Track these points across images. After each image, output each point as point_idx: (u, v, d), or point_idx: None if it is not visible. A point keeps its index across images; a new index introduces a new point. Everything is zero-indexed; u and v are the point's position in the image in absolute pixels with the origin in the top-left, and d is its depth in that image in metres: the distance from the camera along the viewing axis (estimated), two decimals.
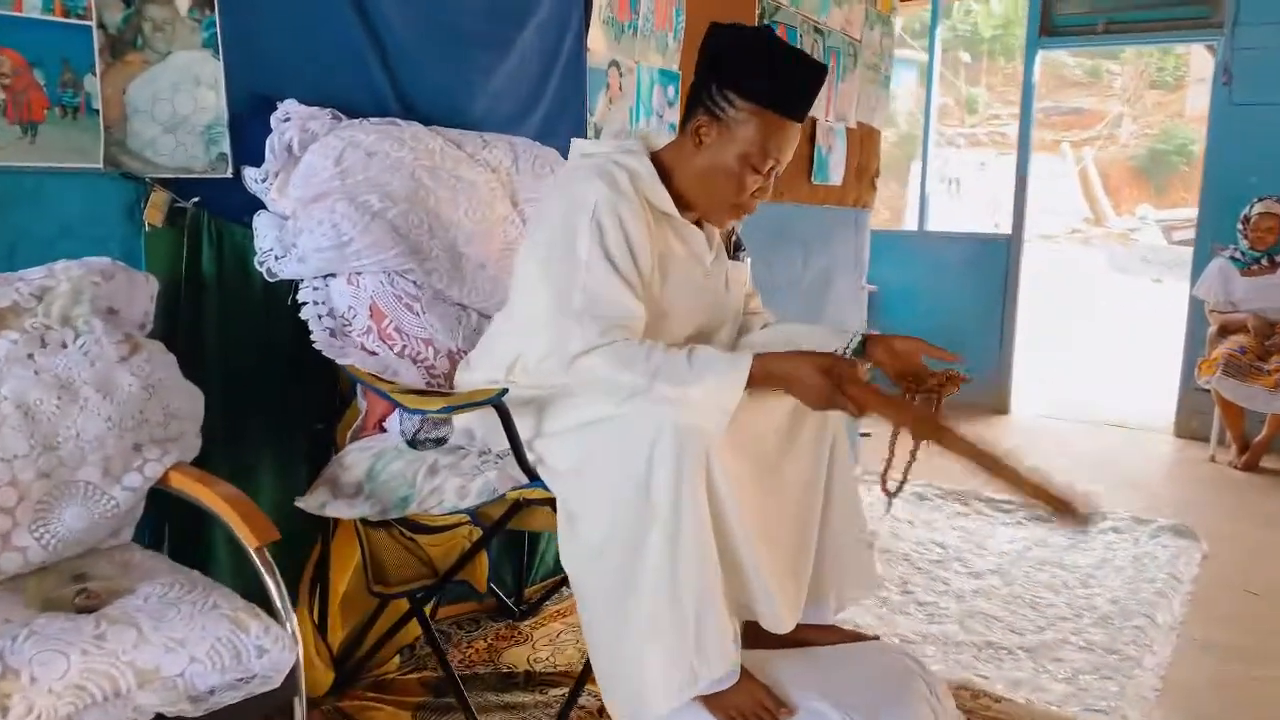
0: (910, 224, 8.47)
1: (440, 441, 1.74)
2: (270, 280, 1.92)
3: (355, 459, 1.83)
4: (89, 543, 1.47)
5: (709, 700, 1.62)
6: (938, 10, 6.87)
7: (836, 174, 4.16)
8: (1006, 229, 6.64)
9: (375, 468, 1.80)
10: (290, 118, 1.95)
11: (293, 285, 1.94)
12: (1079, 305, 11.69)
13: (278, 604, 1.43)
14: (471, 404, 1.60)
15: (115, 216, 1.78)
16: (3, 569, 1.36)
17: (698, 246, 1.82)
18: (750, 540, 1.62)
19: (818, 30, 3.80)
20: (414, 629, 2.19)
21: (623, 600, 1.58)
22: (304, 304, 1.91)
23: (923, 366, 1.84)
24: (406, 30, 2.23)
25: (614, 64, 2.87)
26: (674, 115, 3.13)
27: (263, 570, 1.44)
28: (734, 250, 1.93)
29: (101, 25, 1.70)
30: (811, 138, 3.93)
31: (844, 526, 1.93)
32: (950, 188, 15.50)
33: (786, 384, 1.57)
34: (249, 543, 1.44)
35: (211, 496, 1.48)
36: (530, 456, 1.69)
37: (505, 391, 1.61)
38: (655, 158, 1.79)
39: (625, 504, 1.56)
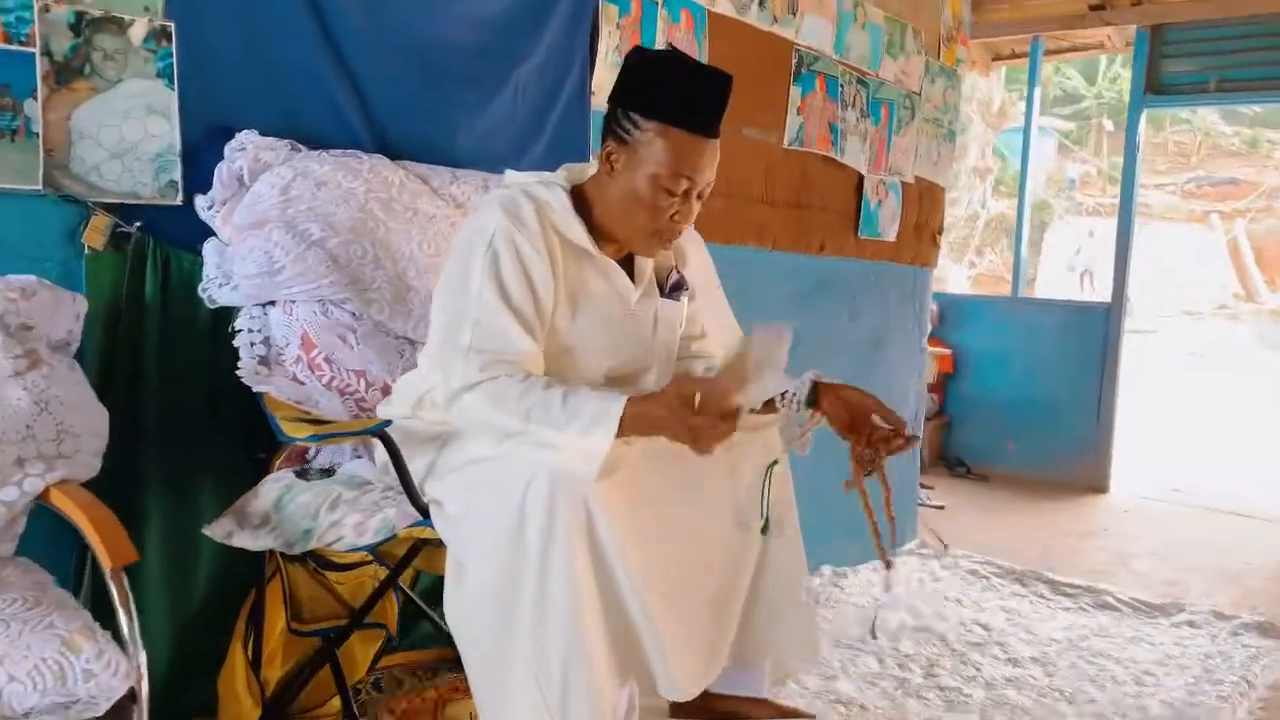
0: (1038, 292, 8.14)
1: (328, 472, 1.69)
2: (211, 307, 1.92)
3: (268, 489, 1.80)
4: None
5: None
6: (1036, 66, 6.63)
7: (889, 230, 4.00)
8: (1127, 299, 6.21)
9: (283, 499, 1.76)
10: (246, 147, 1.97)
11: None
12: (1219, 383, 10.95)
13: (124, 630, 1.39)
14: (345, 434, 1.54)
15: (55, 238, 1.82)
16: None
17: (620, 283, 1.73)
18: (642, 598, 1.50)
19: (861, 82, 3.68)
20: (354, 672, 2.13)
21: (499, 654, 1.48)
22: (239, 331, 1.90)
23: (871, 423, 1.70)
24: (383, 67, 2.24)
25: None
26: None
27: (115, 594, 1.40)
28: (670, 289, 1.83)
29: (47, 52, 1.76)
30: (857, 190, 3.79)
31: (781, 590, 1.79)
32: (1082, 256, 14.91)
33: (654, 427, 1.45)
34: (105, 564, 1.40)
35: (80, 515, 1.46)
36: (425, 495, 1.62)
37: (387, 423, 1.55)
38: (579, 191, 1.72)
39: (501, 551, 1.47)
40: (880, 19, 3.76)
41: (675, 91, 1.59)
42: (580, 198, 1.71)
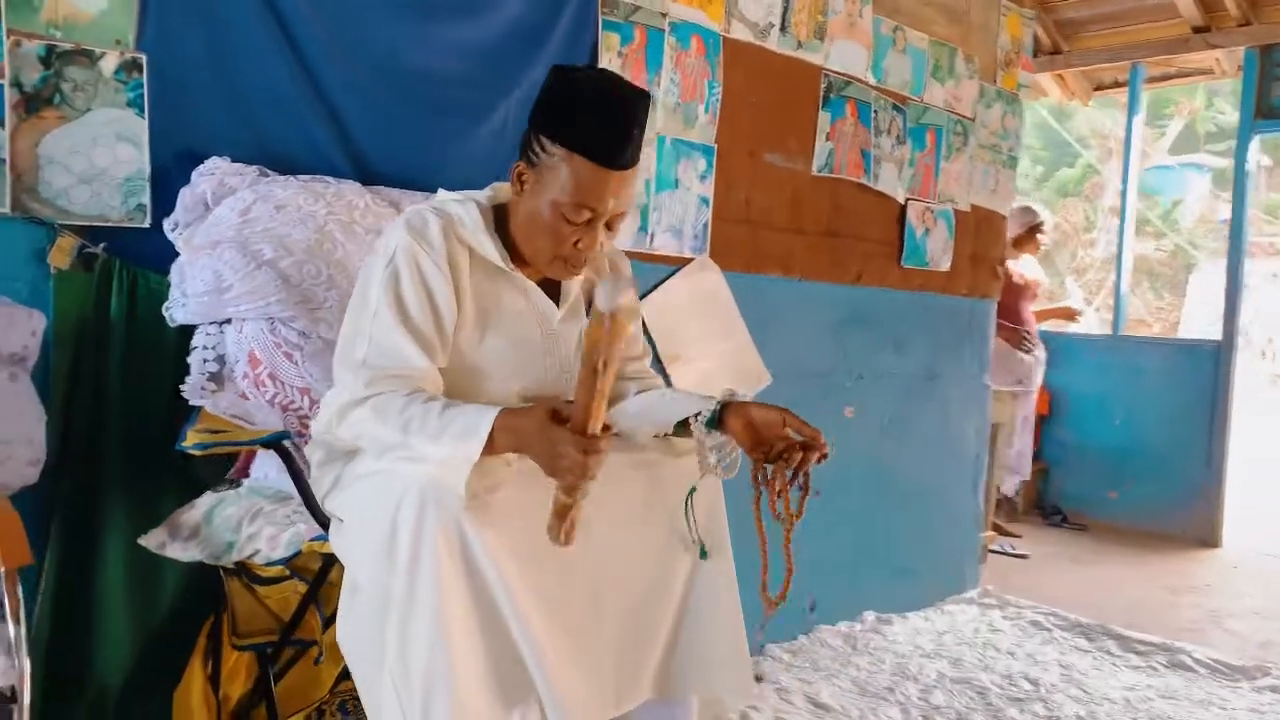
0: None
1: (234, 484, 1.70)
2: (172, 325, 1.98)
3: (202, 502, 1.83)
4: None
5: None
6: (1137, 94, 6.31)
7: (940, 259, 3.84)
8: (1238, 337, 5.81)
9: (213, 511, 1.79)
10: (213, 172, 2.04)
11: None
12: None
13: (10, 633, 1.42)
14: (233, 443, 1.55)
15: (22, 258, 1.91)
16: None
17: (540, 302, 1.70)
18: (523, 621, 1.44)
19: (898, 107, 3.56)
20: (318, 688, 2.13)
21: (373, 669, 1.45)
22: (194, 348, 1.95)
23: (782, 438, 1.60)
24: (362, 96, 2.30)
25: None
26: (705, 188, 3.02)
27: (5, 596, 1.44)
28: None
29: (17, 84, 1.87)
30: (900, 218, 3.66)
31: (709, 620, 1.70)
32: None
33: (521, 441, 1.40)
34: (1, 563, 1.44)
35: None
36: (328, 509, 1.61)
37: (283, 435, 1.55)
38: (502, 209, 1.70)
39: (375, 565, 1.45)
40: (924, 43, 3.64)
41: (583, 118, 1.54)
42: (502, 216, 1.69)
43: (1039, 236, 5.51)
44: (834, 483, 3.57)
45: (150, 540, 1.82)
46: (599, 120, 1.54)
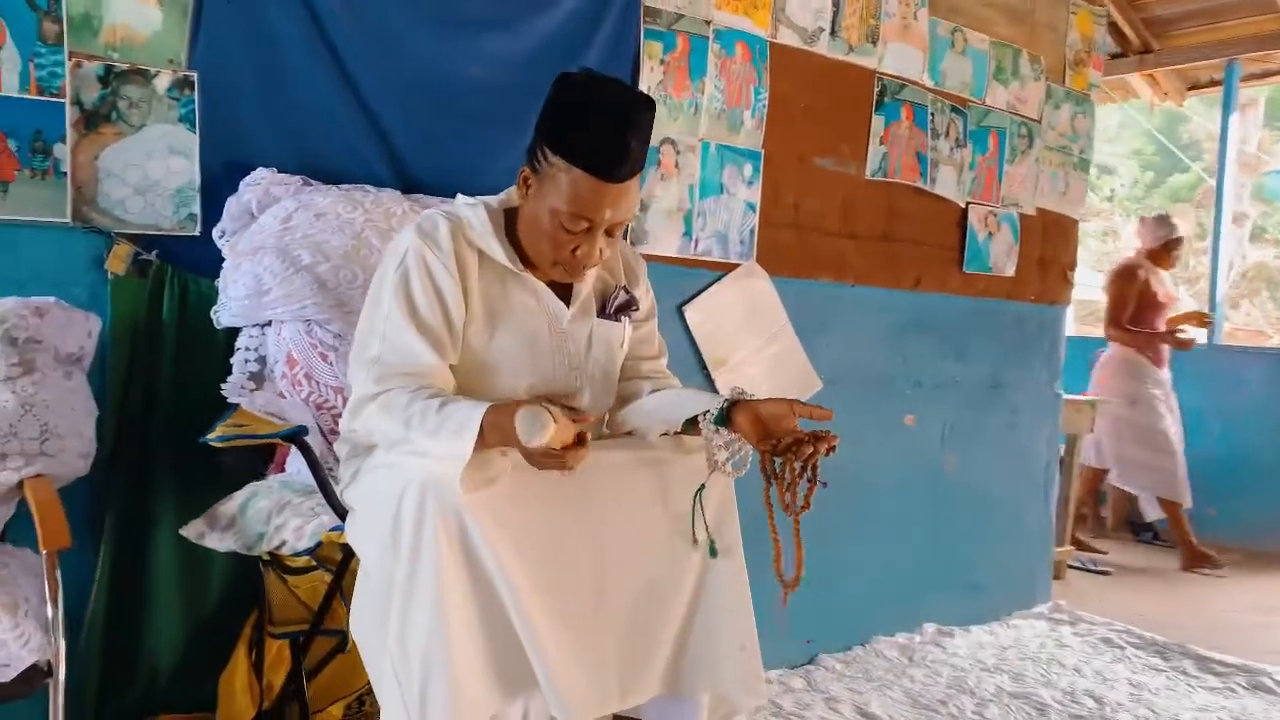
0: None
1: (255, 475, 1.78)
2: (219, 328, 2.09)
3: (239, 495, 1.93)
4: None
5: None
6: (1233, 93, 6.06)
7: (1005, 264, 3.76)
8: None
9: (247, 504, 1.88)
10: (259, 182, 2.15)
11: None
12: None
13: (48, 611, 1.52)
14: (254, 436, 1.63)
15: (81, 265, 2.05)
16: None
17: (550, 302, 1.74)
18: (524, 613, 1.48)
19: (957, 110, 3.51)
20: (359, 677, 2.20)
21: (377, 654, 1.50)
22: (238, 349, 2.06)
23: (790, 431, 1.60)
24: (404, 108, 2.39)
25: (667, 141, 2.84)
26: (751, 194, 3.02)
27: (45, 576, 1.54)
28: (615, 310, 1.81)
29: (78, 102, 2.00)
30: (961, 222, 3.60)
31: (720, 620, 1.71)
32: None
33: (506, 437, 1.43)
34: (41, 546, 1.55)
35: (33, 503, 1.62)
36: (346, 502, 1.68)
37: (301, 430, 1.63)
38: (513, 211, 1.75)
39: (381, 554, 1.50)
40: (985, 44, 3.58)
41: (582, 130, 1.57)
42: (513, 219, 1.74)
43: (1174, 252, 5.36)
44: (893, 491, 3.53)
45: (190, 531, 1.93)
46: (598, 133, 1.57)
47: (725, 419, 1.65)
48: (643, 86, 2.77)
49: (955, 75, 3.51)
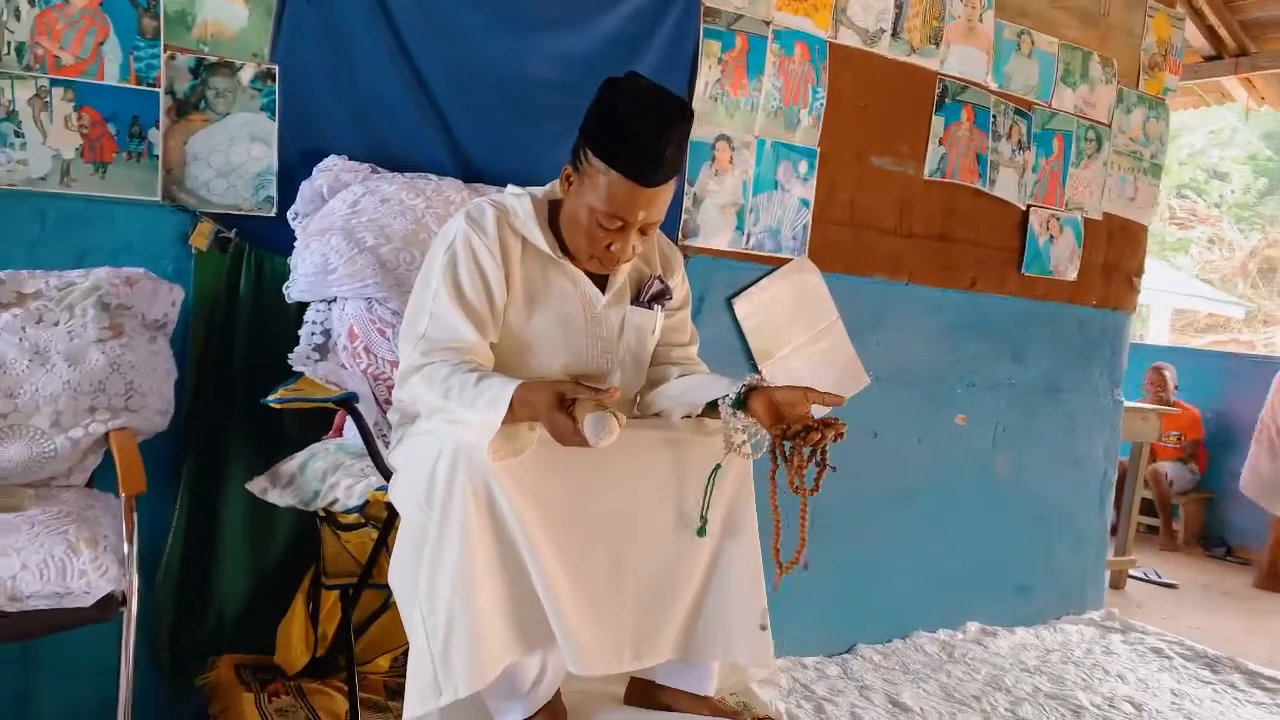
0: None
1: (315, 439, 1.94)
2: (289, 302, 2.27)
3: (300, 455, 2.09)
4: (30, 477, 1.87)
5: None
6: None
7: (1067, 268, 3.75)
8: None
9: (306, 464, 2.05)
10: (331, 169, 2.31)
11: None
12: None
13: (124, 548, 1.70)
14: (307, 400, 1.79)
15: (169, 239, 2.24)
16: None
17: (587, 288, 1.85)
18: (543, 573, 1.60)
19: (1020, 113, 3.51)
20: (403, 635, 2.36)
21: (409, 604, 1.64)
22: (306, 322, 2.23)
23: (802, 417, 1.69)
24: (469, 102, 2.53)
25: (723, 137, 2.93)
26: (805, 190, 3.10)
27: (123, 517, 1.73)
28: (649, 298, 1.92)
29: (170, 91, 2.19)
30: (1021, 225, 3.60)
31: (731, 594, 1.80)
32: None
33: (534, 413, 1.55)
34: (120, 490, 1.74)
35: (116, 452, 1.81)
36: (390, 462, 1.83)
37: (350, 396, 1.78)
38: (558, 203, 1.86)
39: (416, 511, 1.64)
40: (1054, 47, 3.58)
41: (621, 136, 1.68)
42: (557, 210, 1.86)
43: None
44: (941, 489, 3.57)
45: (254, 485, 2.10)
46: (635, 140, 1.67)
47: (742, 404, 1.74)
48: (700, 84, 2.87)
49: (1020, 78, 3.52)
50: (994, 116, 3.45)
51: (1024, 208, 3.59)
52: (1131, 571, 5.00)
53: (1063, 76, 3.62)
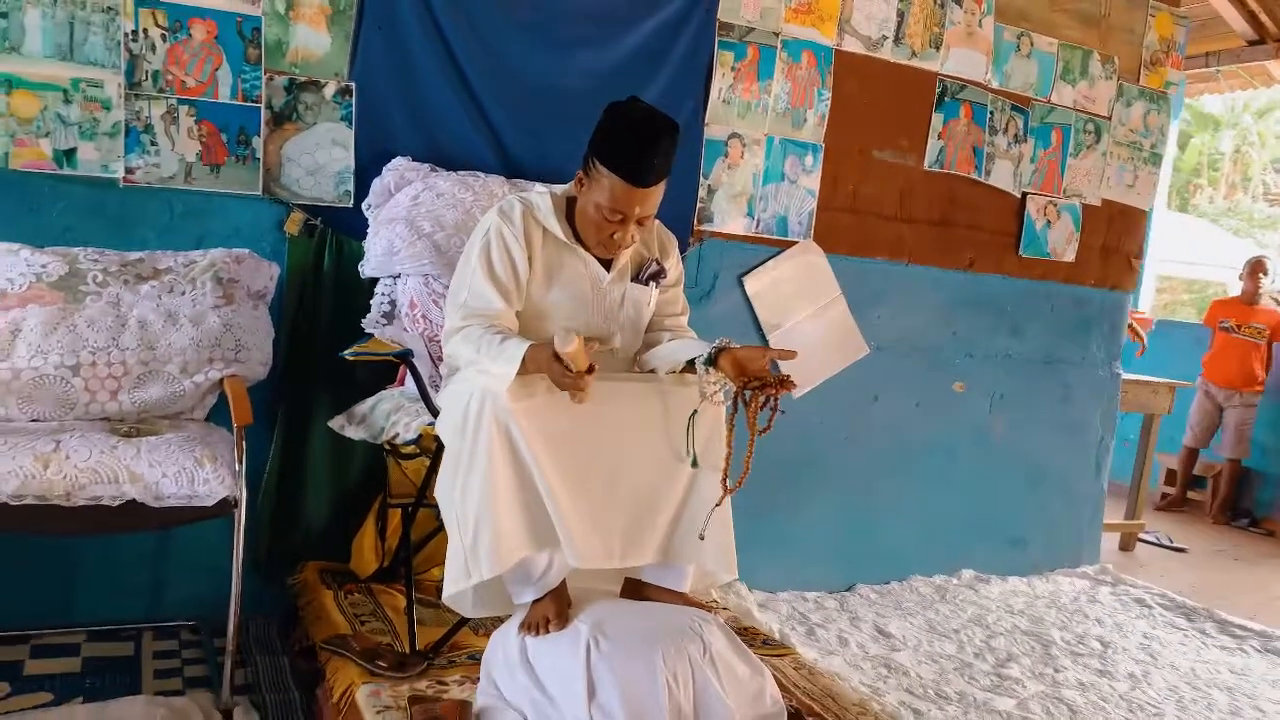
0: None
1: (383, 387, 2.46)
2: (363, 278, 2.79)
3: (371, 399, 2.61)
4: (165, 411, 2.42)
5: (524, 608, 2.13)
6: None
7: (1064, 250, 4.09)
8: None
9: (375, 406, 2.56)
10: (397, 168, 2.82)
11: None
12: None
13: (234, 465, 2.24)
14: (374, 354, 2.30)
15: (268, 226, 2.78)
16: (106, 411, 2.35)
17: (595, 268, 2.31)
18: (548, 486, 2.07)
19: (1018, 108, 3.86)
20: None
21: (448, 514, 2.14)
22: (376, 294, 2.75)
23: (760, 371, 2.12)
24: (513, 110, 3.01)
25: (735, 135, 3.37)
26: (811, 181, 3.51)
27: (235, 442, 2.26)
28: (646, 277, 2.37)
29: (269, 106, 2.72)
30: (1019, 211, 3.95)
31: (702, 513, 2.25)
32: None
33: (540, 367, 2.01)
34: (233, 421, 2.27)
35: (230, 393, 2.35)
36: (438, 404, 2.33)
37: (407, 352, 2.28)
38: (574, 199, 2.33)
39: (454, 440, 2.13)
40: (1053, 47, 3.91)
41: (619, 148, 2.12)
42: (573, 205, 2.32)
43: None
44: (940, 449, 3.97)
45: (334, 422, 2.63)
46: (630, 151, 2.12)
47: (713, 361, 2.19)
48: (714, 90, 3.30)
49: (1019, 76, 3.86)
50: (991, 112, 3.80)
51: (1019, 195, 3.93)
52: (1142, 535, 5.30)
53: (1062, 74, 3.95)
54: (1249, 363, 6.07)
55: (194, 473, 2.18)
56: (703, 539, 2.19)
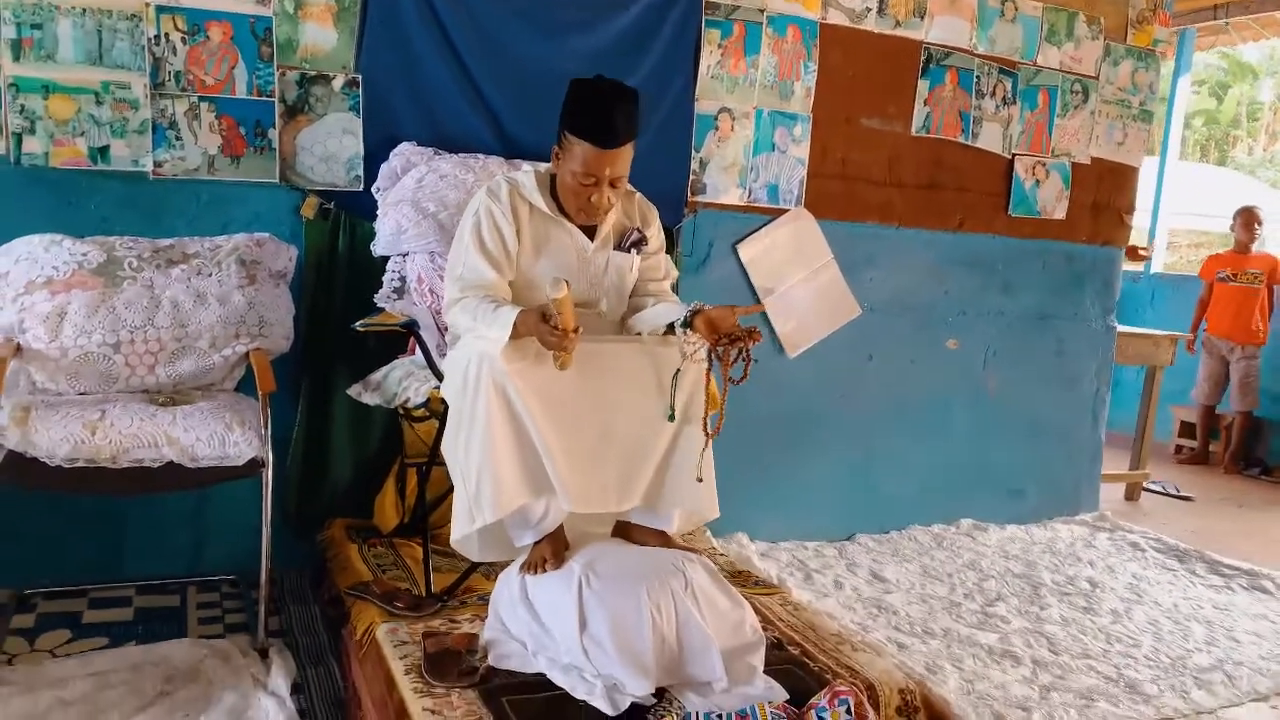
0: None
1: (394, 356, 2.69)
2: (375, 257, 3.01)
3: (384, 368, 2.84)
4: (197, 383, 2.66)
5: (525, 551, 2.35)
6: None
7: (1054, 208, 4.22)
8: None
9: (388, 374, 2.79)
10: (403, 152, 3.03)
11: None
12: None
13: (260, 429, 2.48)
14: (382, 325, 2.52)
15: (285, 211, 3.01)
16: (145, 384, 2.60)
17: (579, 239, 2.51)
18: (542, 438, 2.29)
19: (1005, 72, 3.98)
20: None
21: (452, 462, 2.37)
22: (387, 271, 2.97)
23: (731, 327, 2.31)
24: (512, 93, 3.20)
25: (725, 110, 3.54)
26: (798, 150, 3.68)
27: (260, 408, 2.50)
28: (628, 245, 2.56)
29: (283, 99, 2.94)
30: (1007, 172, 4.09)
31: (686, 463, 2.45)
32: None
33: (530, 330, 2.21)
34: (259, 389, 2.51)
35: (256, 365, 2.58)
36: (443, 369, 2.55)
37: (412, 322, 2.50)
38: (556, 175, 2.52)
39: (456, 399, 2.35)
40: (1036, 10, 4.02)
41: (584, 115, 2.32)
42: (555, 181, 2.52)
43: None
44: (936, 404, 4.14)
45: (352, 390, 2.86)
46: (592, 118, 2.31)
47: (689, 323, 2.38)
48: (703, 66, 3.47)
49: (1005, 41, 3.98)
50: (977, 77, 3.93)
51: (1008, 157, 4.07)
52: (1148, 484, 5.43)
53: (1047, 36, 4.07)
54: (1248, 310, 6.17)
55: (225, 436, 2.43)
56: (700, 481, 2.39)
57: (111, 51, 2.76)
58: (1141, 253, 5.65)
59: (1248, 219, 6.26)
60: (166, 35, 2.80)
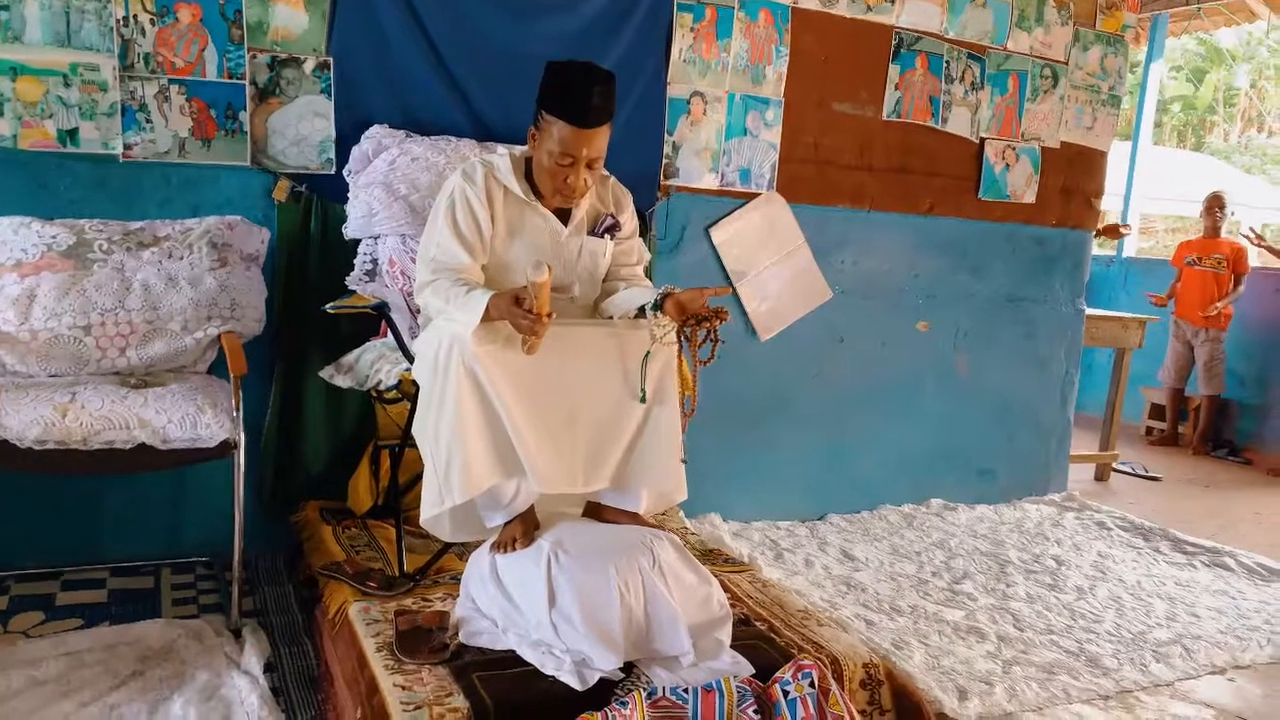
0: None
1: (367, 339, 2.71)
2: (347, 239, 3.02)
3: (356, 350, 2.86)
4: (169, 365, 2.67)
5: (496, 531, 2.38)
6: None
7: (1024, 192, 4.26)
8: None
9: (360, 356, 2.81)
10: (374, 135, 3.04)
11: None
12: None
13: (232, 411, 2.49)
14: (351, 307, 2.53)
15: (258, 194, 3.01)
16: (116, 366, 2.61)
17: (553, 223, 2.53)
18: (512, 420, 2.31)
19: (974, 57, 4.02)
20: None
21: (422, 443, 2.39)
22: (359, 254, 2.98)
23: (699, 309, 2.34)
24: (483, 77, 3.20)
25: (697, 94, 3.56)
26: (770, 135, 3.70)
27: (232, 390, 2.51)
28: (601, 230, 2.58)
29: (253, 82, 2.94)
30: (977, 156, 4.13)
31: (656, 444, 2.48)
32: None
33: (501, 314, 2.23)
34: (230, 371, 2.52)
35: (227, 347, 2.60)
36: (413, 350, 2.57)
37: (382, 304, 2.52)
38: (532, 159, 2.54)
39: (428, 381, 2.37)
40: None
41: (562, 95, 2.34)
42: (530, 164, 2.54)
43: None
44: (906, 386, 4.18)
45: (324, 372, 2.88)
46: (570, 96, 2.33)
47: (659, 306, 2.41)
48: (675, 50, 3.49)
49: (975, 26, 4.01)
50: (947, 62, 3.97)
51: (977, 141, 4.11)
52: (1117, 465, 5.51)
53: (1017, 21, 4.10)
54: (1209, 293, 6.28)
55: (196, 418, 2.44)
56: (685, 463, 2.43)
57: (80, 33, 2.75)
58: (1123, 230, 5.75)
59: (1211, 205, 6.39)
60: (135, 16, 2.79)
